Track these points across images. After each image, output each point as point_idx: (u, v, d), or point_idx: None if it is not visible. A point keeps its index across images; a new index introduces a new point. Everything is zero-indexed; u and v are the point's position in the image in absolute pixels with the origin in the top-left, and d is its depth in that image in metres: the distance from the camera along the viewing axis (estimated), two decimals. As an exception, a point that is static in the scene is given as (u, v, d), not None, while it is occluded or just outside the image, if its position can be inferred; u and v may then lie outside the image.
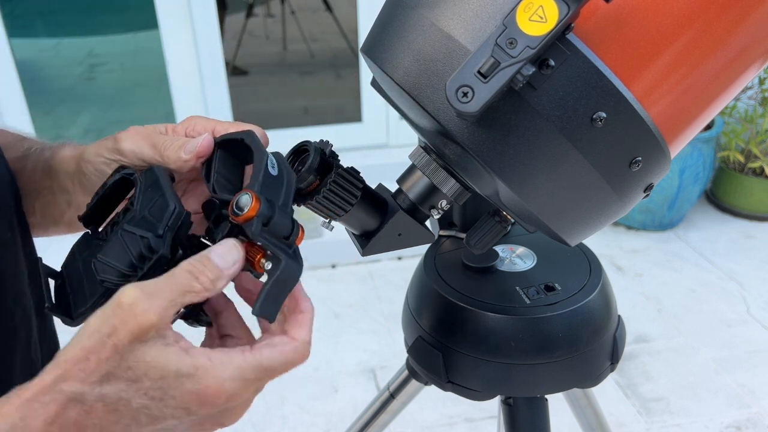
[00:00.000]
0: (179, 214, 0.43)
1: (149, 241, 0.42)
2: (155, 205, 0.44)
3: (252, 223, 0.40)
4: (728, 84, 0.50)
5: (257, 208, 0.41)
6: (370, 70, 0.55)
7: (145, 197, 0.45)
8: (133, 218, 0.44)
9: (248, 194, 0.41)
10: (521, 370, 0.65)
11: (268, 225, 0.41)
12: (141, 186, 0.46)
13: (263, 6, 5.33)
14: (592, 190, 0.48)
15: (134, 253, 0.42)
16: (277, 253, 0.41)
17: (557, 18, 0.39)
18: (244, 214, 0.41)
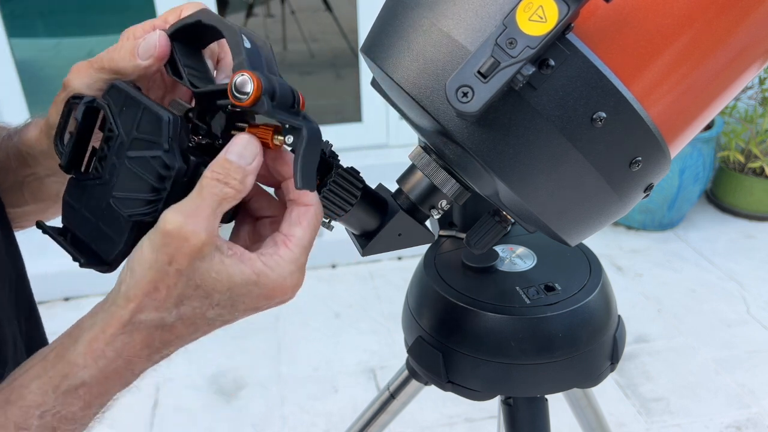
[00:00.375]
0: (176, 121, 0.41)
1: (162, 159, 0.40)
2: (142, 121, 0.41)
3: (262, 102, 0.39)
4: (728, 84, 0.50)
5: (261, 86, 0.39)
6: (370, 70, 0.55)
7: (123, 118, 0.42)
8: (123, 143, 0.41)
9: (245, 75, 0.39)
10: (521, 370, 0.65)
11: (275, 99, 0.40)
12: (112, 109, 0.43)
13: (263, 6, 5.33)
14: (592, 190, 0.48)
15: (152, 177, 0.40)
16: (295, 124, 0.41)
17: (557, 18, 0.39)
18: (250, 96, 0.39)
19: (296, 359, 1.92)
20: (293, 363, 1.91)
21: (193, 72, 0.45)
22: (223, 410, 1.75)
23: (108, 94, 0.44)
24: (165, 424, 1.71)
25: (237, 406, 1.77)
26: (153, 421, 1.72)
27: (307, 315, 2.09)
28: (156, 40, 0.45)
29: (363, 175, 0.55)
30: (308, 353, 1.94)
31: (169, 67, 0.45)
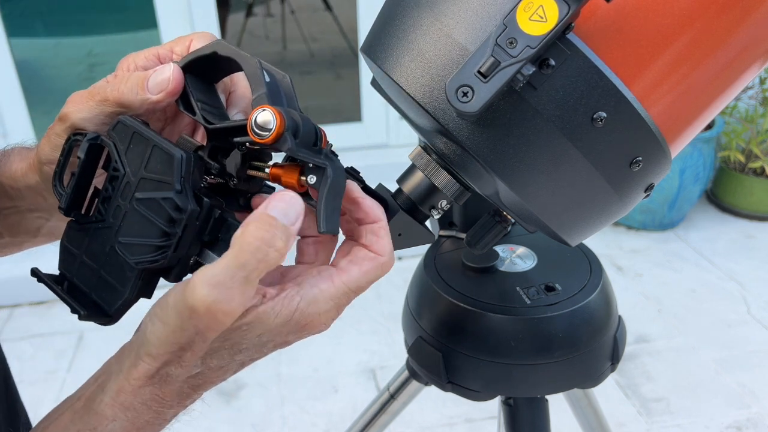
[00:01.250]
0: (189, 159, 0.37)
1: (173, 201, 0.37)
2: (151, 160, 0.38)
3: (285, 139, 0.36)
4: (729, 84, 0.50)
5: (284, 122, 0.36)
6: (370, 70, 0.55)
7: (130, 157, 0.39)
8: (130, 184, 0.38)
9: (266, 110, 0.36)
10: (521, 371, 0.64)
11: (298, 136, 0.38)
12: (118, 147, 0.39)
13: (263, 6, 5.33)
14: (592, 190, 0.48)
15: (162, 220, 0.37)
16: (318, 163, 0.39)
17: (557, 17, 0.39)
18: (272, 133, 0.36)
19: (296, 359, 1.92)
20: (293, 363, 1.91)
21: (207, 107, 0.42)
22: (223, 410, 1.75)
23: (114, 131, 0.40)
24: (165, 424, 1.71)
25: (237, 406, 1.77)
26: (153, 421, 1.72)
27: (307, 315, 2.09)
28: (169, 74, 0.41)
29: (363, 175, 0.54)
30: (308, 353, 1.94)
31: (180, 101, 0.42)
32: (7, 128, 2.49)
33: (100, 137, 0.40)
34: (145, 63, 0.46)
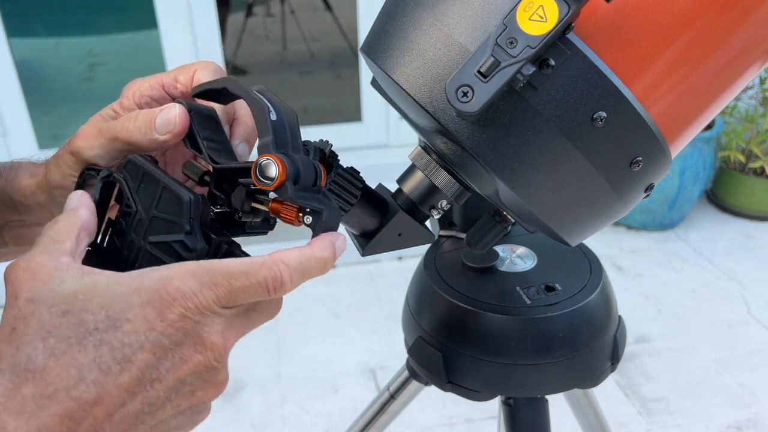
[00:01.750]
0: (197, 202, 0.40)
1: (183, 243, 0.39)
2: (161, 200, 0.40)
3: (285, 188, 0.39)
4: (729, 84, 0.50)
5: (284, 171, 0.38)
6: (369, 70, 0.55)
7: (141, 195, 0.41)
8: (142, 221, 0.41)
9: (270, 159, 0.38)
10: (521, 371, 0.64)
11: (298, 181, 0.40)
12: (129, 185, 0.41)
13: (263, 5, 5.33)
14: (592, 190, 0.48)
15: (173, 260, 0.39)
16: (315, 207, 0.41)
17: (557, 17, 0.39)
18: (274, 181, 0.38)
19: (296, 359, 1.92)
20: (293, 363, 1.91)
21: (212, 144, 0.44)
22: (223, 410, 1.75)
23: (125, 169, 0.42)
24: (165, 424, 1.71)
25: (237, 406, 1.77)
26: (153, 421, 1.72)
27: (306, 315, 2.09)
28: (176, 115, 0.42)
29: (363, 175, 0.54)
30: (308, 353, 1.94)
31: (187, 139, 0.44)
32: (7, 128, 2.49)
33: (113, 175, 0.42)
34: (150, 92, 0.47)
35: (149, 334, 0.33)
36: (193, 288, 0.35)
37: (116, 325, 0.33)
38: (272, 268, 0.37)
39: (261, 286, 0.36)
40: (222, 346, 0.36)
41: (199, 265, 0.36)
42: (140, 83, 0.47)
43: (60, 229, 0.38)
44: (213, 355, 0.35)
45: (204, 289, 0.35)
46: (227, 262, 0.36)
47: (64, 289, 0.34)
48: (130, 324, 0.33)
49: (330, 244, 0.40)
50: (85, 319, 0.33)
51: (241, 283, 0.36)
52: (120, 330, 0.33)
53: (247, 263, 0.36)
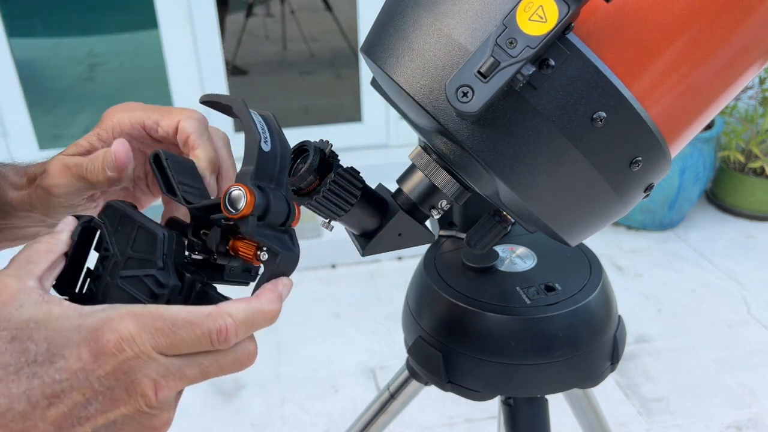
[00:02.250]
0: (170, 238, 0.40)
1: (155, 277, 0.39)
2: (137, 240, 0.40)
3: (247, 221, 0.39)
4: (729, 84, 0.50)
5: (252, 205, 0.38)
6: (370, 70, 0.55)
7: (119, 237, 0.41)
8: (117, 263, 0.40)
9: (240, 189, 0.39)
10: (521, 371, 0.64)
11: (264, 218, 0.40)
12: (107, 228, 0.42)
13: (263, 6, 5.33)
14: (592, 190, 0.48)
15: (145, 296, 0.39)
16: (273, 248, 0.40)
17: (557, 18, 0.39)
18: (239, 212, 0.38)
19: (296, 359, 1.92)
20: (293, 363, 1.91)
21: (187, 188, 0.44)
22: (222, 410, 1.75)
23: (104, 214, 0.42)
24: (165, 424, 1.71)
25: (237, 406, 1.77)
26: (153, 421, 1.72)
27: (306, 315, 2.09)
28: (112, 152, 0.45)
29: (363, 175, 0.55)
30: (308, 353, 1.94)
31: (163, 185, 0.44)
32: (7, 128, 2.49)
33: (93, 219, 0.42)
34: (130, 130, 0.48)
35: (80, 374, 0.34)
36: (132, 331, 0.34)
37: (52, 360, 0.33)
38: (217, 320, 0.36)
39: (204, 336, 0.36)
40: (153, 394, 0.35)
41: (145, 308, 0.35)
42: (121, 117, 0.48)
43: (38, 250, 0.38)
44: (144, 401, 0.35)
45: (143, 333, 0.34)
46: (174, 309, 0.36)
47: (20, 315, 0.34)
48: (64, 361, 0.33)
49: (278, 297, 0.40)
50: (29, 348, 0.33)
51: (184, 332, 0.35)
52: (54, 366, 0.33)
53: (194, 312, 0.36)
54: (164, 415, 0.36)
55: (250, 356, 0.39)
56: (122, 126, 0.48)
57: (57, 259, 0.39)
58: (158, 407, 0.35)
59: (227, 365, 0.38)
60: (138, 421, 0.35)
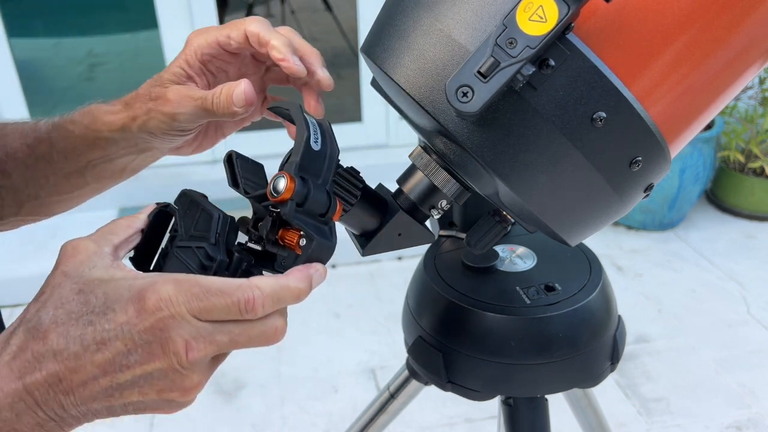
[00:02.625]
0: (225, 219, 0.44)
1: (206, 250, 0.43)
2: (198, 221, 0.45)
3: (286, 204, 0.42)
4: (728, 84, 0.50)
5: (292, 190, 0.42)
6: (370, 70, 0.55)
7: (185, 220, 0.46)
8: (182, 239, 0.46)
9: (284, 176, 0.43)
10: (521, 370, 0.65)
11: (304, 205, 0.43)
12: (179, 212, 0.47)
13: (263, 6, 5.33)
14: (592, 190, 0.48)
15: (194, 266, 0.43)
16: (309, 234, 0.43)
17: (557, 18, 0.39)
18: (279, 196, 0.42)
19: (296, 359, 1.92)
20: (293, 363, 1.91)
21: (249, 183, 0.48)
22: (223, 410, 1.75)
23: (178, 200, 0.48)
24: (165, 423, 1.71)
25: (237, 406, 1.77)
26: (153, 420, 1.72)
27: (307, 315, 2.09)
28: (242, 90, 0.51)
29: (363, 175, 0.55)
30: (308, 353, 1.94)
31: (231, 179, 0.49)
32: (8, 128, 2.49)
33: (169, 205, 0.49)
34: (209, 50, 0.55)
35: (124, 327, 0.38)
36: (170, 293, 0.38)
37: (105, 312, 0.39)
38: (246, 291, 0.40)
39: (234, 305, 0.39)
40: (184, 353, 0.39)
41: (186, 276, 0.40)
42: (198, 40, 0.54)
43: (119, 224, 0.45)
44: (176, 359, 0.39)
45: (180, 296, 0.38)
46: (210, 279, 0.40)
47: (91, 274, 0.40)
48: (113, 314, 0.38)
49: (306, 277, 0.43)
50: (90, 300, 0.39)
51: (216, 299, 0.39)
52: (105, 317, 0.38)
53: (227, 283, 0.40)
54: (194, 377, 0.40)
55: (278, 331, 0.42)
56: (202, 48, 0.54)
57: (133, 234, 0.46)
58: (188, 367, 0.39)
59: (255, 336, 0.41)
60: (170, 378, 0.39)
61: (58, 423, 0.39)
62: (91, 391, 0.39)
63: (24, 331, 0.39)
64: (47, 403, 0.38)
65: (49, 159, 0.60)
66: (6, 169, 0.61)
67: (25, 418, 0.38)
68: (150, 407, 0.41)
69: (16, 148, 0.61)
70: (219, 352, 0.41)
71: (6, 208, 0.62)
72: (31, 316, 0.40)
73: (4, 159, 0.61)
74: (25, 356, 0.38)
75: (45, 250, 2.23)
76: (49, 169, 0.60)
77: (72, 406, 0.39)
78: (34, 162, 0.60)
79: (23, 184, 0.61)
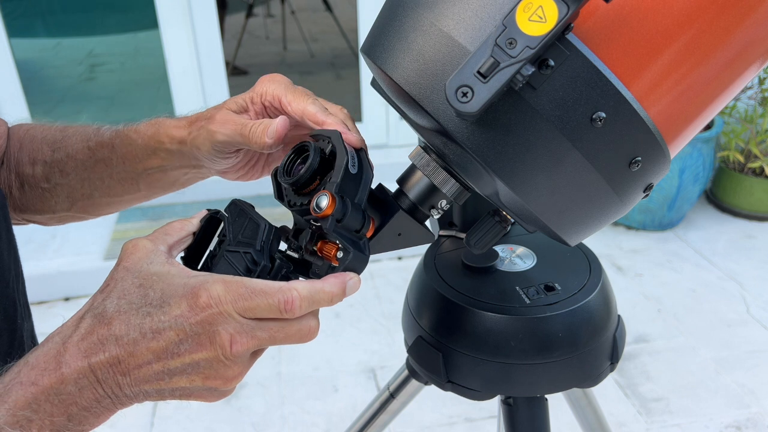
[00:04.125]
0: (270, 229, 0.49)
1: (252, 255, 0.48)
2: (246, 228, 0.50)
3: (327, 219, 0.47)
4: (728, 84, 0.50)
5: (333, 207, 0.47)
6: (370, 70, 0.56)
7: (234, 227, 0.51)
8: (230, 244, 0.50)
9: (326, 195, 0.47)
10: (521, 370, 0.65)
11: (342, 221, 0.48)
12: (228, 219, 0.52)
13: (263, 6, 5.33)
14: (591, 190, 0.48)
15: (241, 269, 0.48)
16: (346, 246, 0.48)
17: (557, 18, 0.39)
18: (322, 212, 0.47)
19: (296, 359, 1.92)
20: (293, 363, 1.91)
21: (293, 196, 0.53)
22: (223, 410, 1.75)
23: (228, 208, 0.53)
24: (165, 423, 1.72)
25: (237, 405, 1.77)
26: (153, 420, 1.72)
27: (307, 315, 2.09)
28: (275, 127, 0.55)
29: (363, 175, 0.55)
30: (308, 353, 1.95)
31: (276, 192, 0.54)
32: (8, 128, 2.49)
33: (219, 212, 0.53)
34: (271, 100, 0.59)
35: (178, 319, 0.43)
36: (220, 293, 0.43)
37: (161, 305, 0.44)
38: (286, 293, 0.45)
39: (274, 305, 0.44)
40: (228, 346, 0.43)
41: (233, 278, 0.45)
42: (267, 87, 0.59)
43: (174, 226, 0.51)
44: (222, 351, 0.43)
45: (228, 296, 0.43)
46: (255, 281, 0.45)
47: (149, 269, 0.46)
48: (169, 307, 0.44)
49: (340, 282, 0.48)
50: (149, 294, 0.44)
51: (259, 298, 0.44)
52: (161, 309, 0.44)
53: (269, 285, 0.45)
54: (236, 368, 0.45)
55: (311, 331, 0.48)
56: (265, 95, 0.58)
57: (186, 236, 0.51)
58: (232, 359, 0.44)
59: (292, 334, 0.47)
60: (215, 368, 0.44)
61: (113, 400, 0.44)
62: (145, 373, 0.43)
63: (91, 317, 0.44)
64: (106, 381, 0.43)
65: (108, 163, 0.65)
66: (65, 169, 0.67)
67: (86, 393, 0.43)
68: (195, 394, 0.46)
69: (78, 150, 0.66)
70: (259, 347, 0.45)
71: (59, 204, 0.69)
72: (98, 305, 0.45)
73: (64, 159, 0.67)
74: (91, 339, 0.43)
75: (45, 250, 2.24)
76: (106, 171, 0.66)
77: (127, 386, 0.44)
78: (93, 164, 0.66)
79: (79, 183, 0.67)
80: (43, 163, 0.67)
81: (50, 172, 0.67)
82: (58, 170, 0.67)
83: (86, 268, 2.16)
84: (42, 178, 0.68)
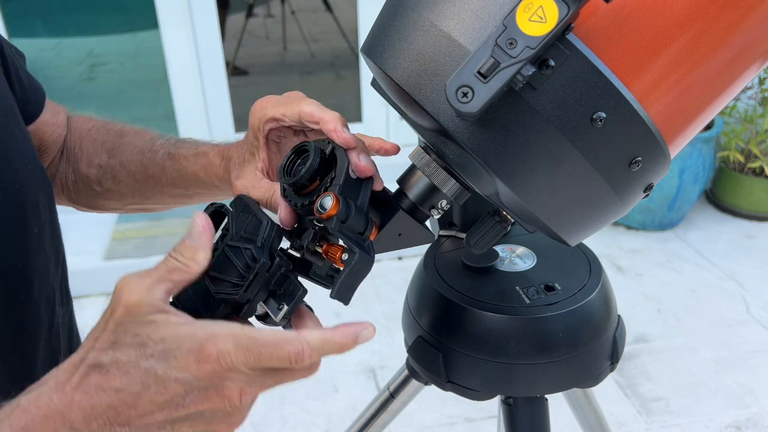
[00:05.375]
0: (272, 226, 0.49)
1: (252, 252, 0.48)
2: (249, 224, 0.50)
3: (332, 220, 0.48)
4: (728, 84, 0.50)
5: (337, 208, 0.48)
6: (370, 70, 0.56)
7: (237, 222, 0.51)
8: (232, 238, 0.50)
9: (330, 196, 0.48)
10: (521, 370, 0.65)
11: (346, 222, 0.49)
12: (233, 214, 0.52)
13: (263, 6, 5.33)
14: (591, 190, 0.48)
15: (241, 264, 0.48)
16: (352, 247, 0.49)
17: (557, 18, 0.39)
18: (326, 212, 0.47)
19: (296, 359, 1.92)
20: (293, 363, 1.91)
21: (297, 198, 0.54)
22: (223, 410, 1.75)
23: (234, 203, 0.53)
24: (165, 423, 1.72)
25: (237, 406, 1.77)
26: (153, 420, 1.72)
27: (307, 315, 2.09)
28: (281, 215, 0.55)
29: (363, 175, 0.55)
30: (308, 353, 1.95)
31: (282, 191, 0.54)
32: (8, 128, 2.49)
33: (224, 206, 0.53)
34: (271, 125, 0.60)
35: (184, 374, 0.42)
36: (229, 349, 0.42)
37: (165, 358, 0.42)
38: (296, 345, 0.44)
39: (285, 358, 0.44)
40: (237, 399, 0.43)
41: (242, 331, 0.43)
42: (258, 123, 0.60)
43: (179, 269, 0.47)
44: (229, 403, 0.43)
45: (238, 352, 0.42)
46: (264, 333, 0.44)
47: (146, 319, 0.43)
48: (175, 361, 0.42)
49: (353, 334, 0.48)
50: (148, 345, 0.42)
51: (268, 351, 0.43)
52: (166, 363, 0.42)
53: (278, 337, 0.44)
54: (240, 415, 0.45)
55: (313, 368, 0.48)
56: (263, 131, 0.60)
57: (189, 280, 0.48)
58: (239, 408, 0.44)
59: (298, 376, 0.47)
60: (220, 417, 0.44)
61: None
62: (147, 423, 0.42)
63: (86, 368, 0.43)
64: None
65: (159, 181, 0.68)
66: (118, 176, 0.69)
67: None
68: None
69: (131, 161, 0.69)
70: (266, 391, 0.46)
71: (110, 204, 0.72)
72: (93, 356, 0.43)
73: (118, 167, 0.69)
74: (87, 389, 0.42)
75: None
76: (156, 188, 0.68)
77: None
78: (144, 179, 0.68)
79: (130, 192, 0.70)
80: (98, 167, 0.70)
81: (103, 177, 0.70)
82: (110, 176, 0.70)
83: (86, 268, 2.15)
84: (95, 180, 0.70)
